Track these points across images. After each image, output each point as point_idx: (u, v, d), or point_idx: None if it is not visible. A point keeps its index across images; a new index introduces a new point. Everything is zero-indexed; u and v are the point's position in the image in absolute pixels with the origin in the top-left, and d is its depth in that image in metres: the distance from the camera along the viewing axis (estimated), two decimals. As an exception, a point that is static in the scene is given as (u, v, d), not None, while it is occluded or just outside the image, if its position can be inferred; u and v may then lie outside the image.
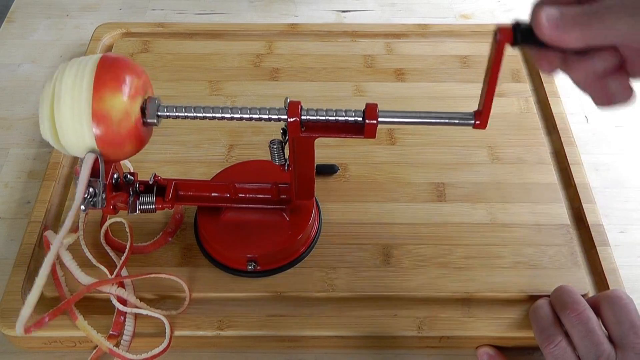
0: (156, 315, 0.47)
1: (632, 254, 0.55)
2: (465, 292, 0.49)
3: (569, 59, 0.36)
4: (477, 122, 0.41)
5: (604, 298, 0.45)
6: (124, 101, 0.39)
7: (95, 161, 0.40)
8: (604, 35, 0.32)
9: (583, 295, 0.47)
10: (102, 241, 0.51)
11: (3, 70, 0.71)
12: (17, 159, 0.62)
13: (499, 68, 0.38)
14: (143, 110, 0.41)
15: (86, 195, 0.40)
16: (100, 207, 0.41)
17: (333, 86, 0.65)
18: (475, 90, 0.37)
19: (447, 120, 0.42)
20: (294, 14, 0.79)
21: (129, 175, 0.46)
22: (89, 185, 0.40)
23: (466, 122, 0.41)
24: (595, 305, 0.45)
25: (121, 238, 0.52)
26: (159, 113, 0.41)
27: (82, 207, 0.40)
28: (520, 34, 0.36)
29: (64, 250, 0.49)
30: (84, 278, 0.48)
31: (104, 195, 0.41)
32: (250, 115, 0.41)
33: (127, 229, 0.51)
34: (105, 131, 0.39)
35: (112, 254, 0.51)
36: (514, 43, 0.36)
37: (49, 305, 0.48)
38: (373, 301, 0.49)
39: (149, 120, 0.41)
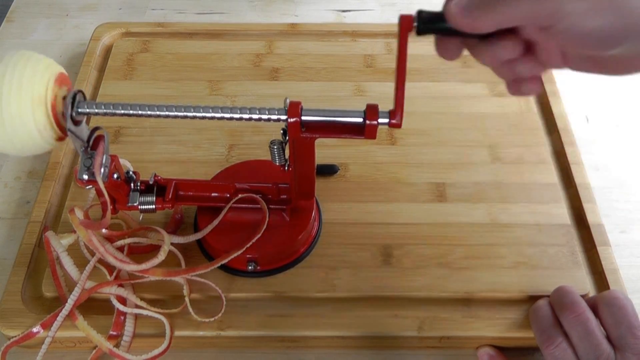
0: (156, 315, 0.47)
1: (633, 254, 0.55)
2: (465, 292, 0.49)
3: (477, 45, 0.37)
4: (393, 121, 0.39)
5: (602, 299, 0.45)
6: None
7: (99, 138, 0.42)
8: (509, 18, 0.33)
9: (583, 296, 0.47)
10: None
11: (3, 70, 0.71)
12: (17, 159, 0.62)
13: (405, 58, 0.37)
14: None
15: (89, 165, 0.41)
16: (100, 179, 0.41)
17: (333, 86, 0.65)
18: (475, 90, 0.37)
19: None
20: (294, 14, 0.79)
21: (130, 172, 0.47)
22: (90, 156, 0.41)
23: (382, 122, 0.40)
24: (594, 306, 0.45)
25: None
26: (79, 110, 0.40)
27: (85, 176, 0.41)
28: (422, 22, 0.36)
29: (64, 253, 0.49)
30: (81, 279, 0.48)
31: (107, 170, 0.42)
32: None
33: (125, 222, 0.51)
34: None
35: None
36: (418, 32, 0.37)
37: (48, 305, 0.48)
38: (373, 301, 0.49)
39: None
